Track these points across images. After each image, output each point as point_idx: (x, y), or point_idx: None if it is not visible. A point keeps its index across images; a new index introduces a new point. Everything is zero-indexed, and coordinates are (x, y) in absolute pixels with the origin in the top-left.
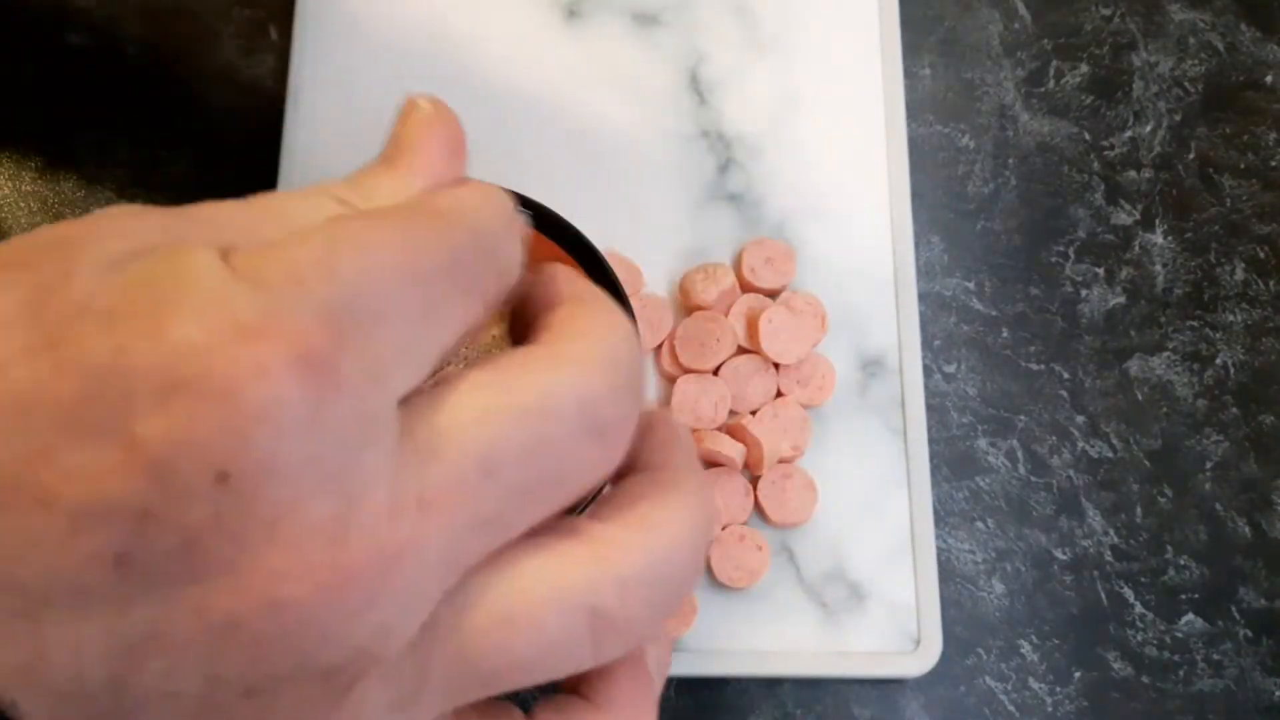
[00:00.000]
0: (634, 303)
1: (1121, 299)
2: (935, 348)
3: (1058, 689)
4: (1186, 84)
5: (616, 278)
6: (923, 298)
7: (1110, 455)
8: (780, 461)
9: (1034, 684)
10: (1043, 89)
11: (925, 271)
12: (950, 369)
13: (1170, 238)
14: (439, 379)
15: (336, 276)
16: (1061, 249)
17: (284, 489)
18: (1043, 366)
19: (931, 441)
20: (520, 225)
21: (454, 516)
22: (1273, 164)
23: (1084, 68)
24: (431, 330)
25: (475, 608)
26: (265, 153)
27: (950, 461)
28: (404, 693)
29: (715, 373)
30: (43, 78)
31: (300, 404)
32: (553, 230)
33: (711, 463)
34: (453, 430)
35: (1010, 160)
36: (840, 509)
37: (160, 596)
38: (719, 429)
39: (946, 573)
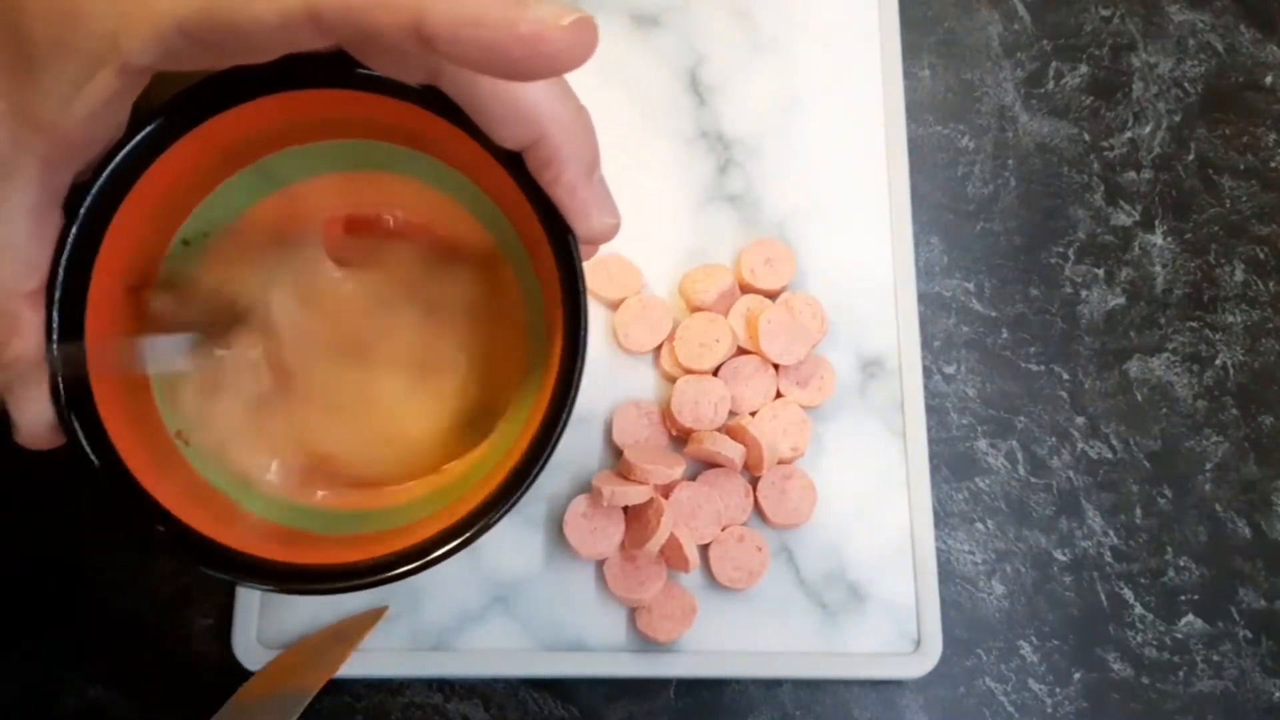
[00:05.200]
0: (634, 303)
1: (1121, 300)
2: (935, 348)
3: (1057, 690)
4: (1186, 85)
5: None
6: (922, 298)
7: (1110, 456)
8: (780, 462)
9: (1034, 685)
10: (1042, 90)
11: (925, 272)
12: (950, 370)
13: (1170, 239)
14: None
15: None
16: (1061, 250)
17: None
18: (1042, 367)
19: (931, 442)
20: None
21: None
22: (1272, 165)
23: (1083, 69)
24: None
25: None
26: None
27: (950, 462)
28: None
29: (715, 373)
30: None
31: None
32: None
33: (711, 463)
34: None
35: (1010, 161)
36: (840, 510)
37: None
38: (719, 430)
39: (946, 574)
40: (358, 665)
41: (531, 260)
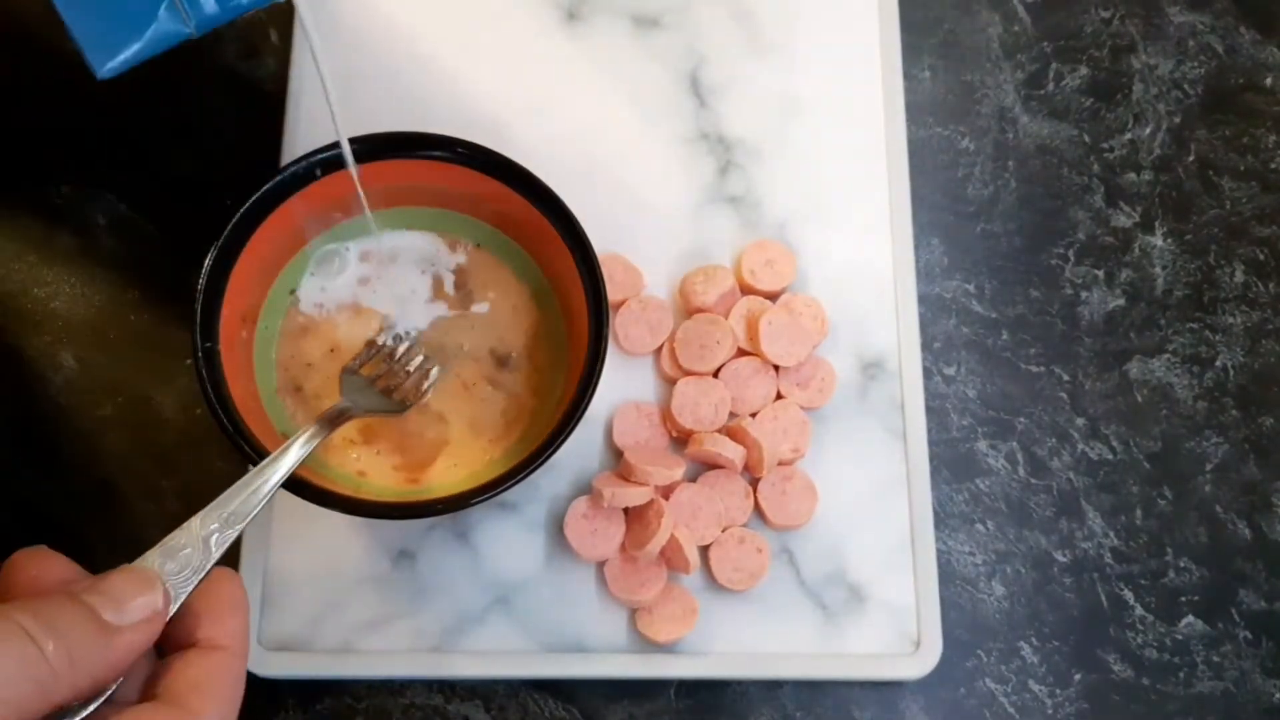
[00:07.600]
0: (634, 304)
1: (1121, 301)
2: (935, 350)
3: (1058, 691)
4: (1186, 86)
5: (586, 237)
6: (922, 300)
7: (1110, 457)
8: (780, 464)
9: (1034, 686)
10: (1042, 91)
11: (925, 274)
12: (950, 371)
13: (1170, 240)
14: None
15: None
16: (1061, 251)
17: None
18: (1042, 369)
19: (931, 443)
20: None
21: None
22: (1272, 166)
23: (1083, 70)
24: None
25: None
26: (265, 154)
27: (950, 463)
28: None
29: (715, 375)
30: (43, 79)
31: None
32: (524, 187)
33: (711, 465)
34: None
35: (1010, 163)
36: (840, 511)
37: None
38: (719, 431)
39: (946, 575)
40: (359, 666)
41: (558, 295)
